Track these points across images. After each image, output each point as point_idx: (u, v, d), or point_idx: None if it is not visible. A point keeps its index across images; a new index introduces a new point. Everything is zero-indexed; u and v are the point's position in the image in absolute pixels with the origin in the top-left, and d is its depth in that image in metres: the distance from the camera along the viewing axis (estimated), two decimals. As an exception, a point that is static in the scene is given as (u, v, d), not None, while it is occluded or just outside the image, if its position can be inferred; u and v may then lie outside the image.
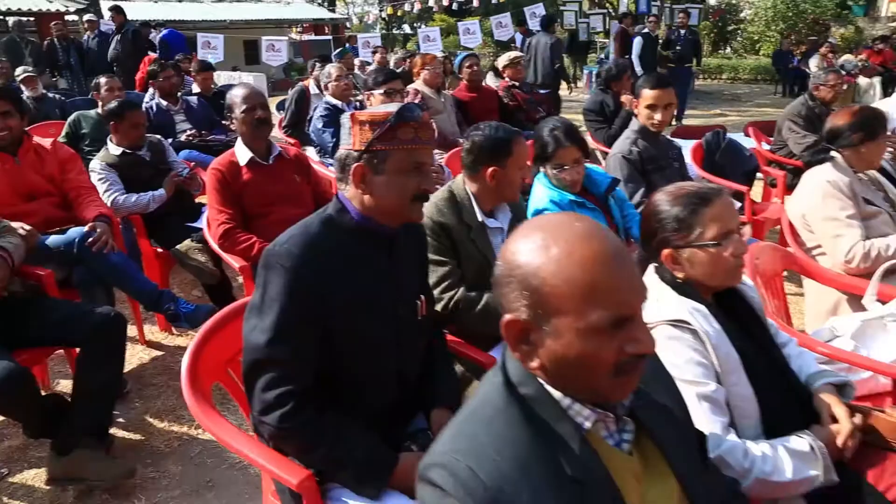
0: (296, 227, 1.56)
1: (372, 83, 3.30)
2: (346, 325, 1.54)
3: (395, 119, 1.49)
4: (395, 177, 1.53)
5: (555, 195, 2.58)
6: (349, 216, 1.58)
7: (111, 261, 2.88)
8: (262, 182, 2.91)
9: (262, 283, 1.49)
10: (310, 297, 1.48)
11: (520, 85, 6.15)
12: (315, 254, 1.49)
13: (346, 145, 1.56)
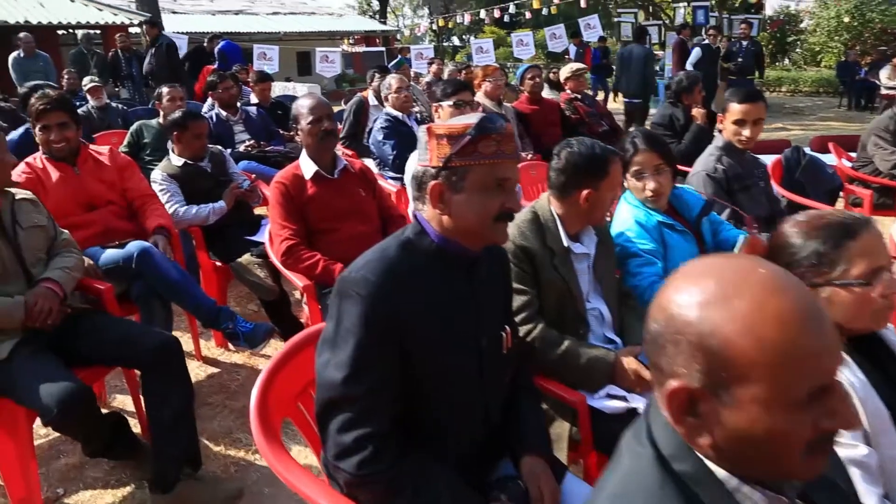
0: (372, 252, 1.43)
1: (440, 94, 3.16)
2: (428, 358, 1.39)
3: (475, 131, 1.34)
4: (476, 195, 1.38)
5: (641, 215, 2.38)
6: (428, 239, 1.44)
7: (170, 276, 2.80)
8: (328, 197, 2.79)
9: (336, 313, 1.35)
10: (388, 328, 1.33)
11: (582, 97, 5.97)
12: (393, 281, 1.35)
13: (423, 161, 1.42)
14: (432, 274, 1.41)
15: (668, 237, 2.37)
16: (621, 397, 1.97)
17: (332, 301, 1.38)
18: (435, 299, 1.40)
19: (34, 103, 2.98)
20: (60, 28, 13.97)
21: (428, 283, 1.40)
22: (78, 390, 2.09)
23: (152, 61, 9.14)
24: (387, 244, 1.44)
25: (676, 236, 2.40)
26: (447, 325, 1.42)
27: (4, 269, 2.33)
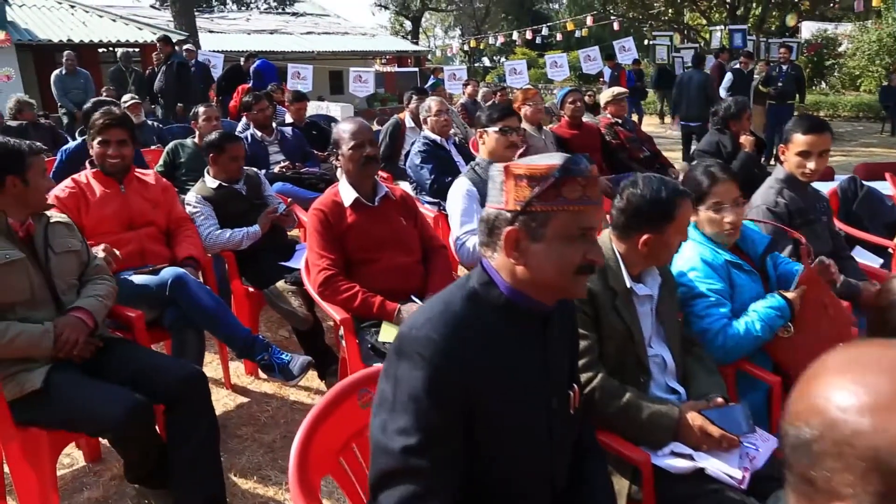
0: (434, 305, 1.28)
1: (486, 120, 3.03)
2: (496, 423, 1.24)
3: (559, 173, 1.20)
4: (557, 244, 1.23)
5: (707, 253, 2.21)
6: (497, 291, 1.28)
7: (204, 304, 2.70)
8: (368, 225, 2.67)
9: (395, 375, 1.21)
10: (455, 393, 1.19)
11: (622, 122, 5.81)
12: (460, 340, 1.21)
13: (497, 203, 1.27)
14: (501, 331, 1.27)
15: (736, 277, 2.21)
16: (687, 456, 1.80)
17: (391, 359, 1.24)
18: (505, 359, 1.26)
19: (98, 118, 2.98)
20: (102, 46, 14.24)
21: (497, 342, 1.25)
22: (143, 400, 2.08)
23: (163, 79, 9.17)
24: (450, 296, 1.29)
25: (744, 276, 2.23)
26: (518, 388, 1.27)
27: (33, 295, 2.25)
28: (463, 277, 1.34)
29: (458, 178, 3.09)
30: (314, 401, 3.20)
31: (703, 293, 2.14)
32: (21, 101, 6.64)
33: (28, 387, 2.12)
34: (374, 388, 1.62)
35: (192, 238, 3.15)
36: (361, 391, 1.60)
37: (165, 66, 8.99)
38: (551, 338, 1.36)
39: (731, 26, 13.84)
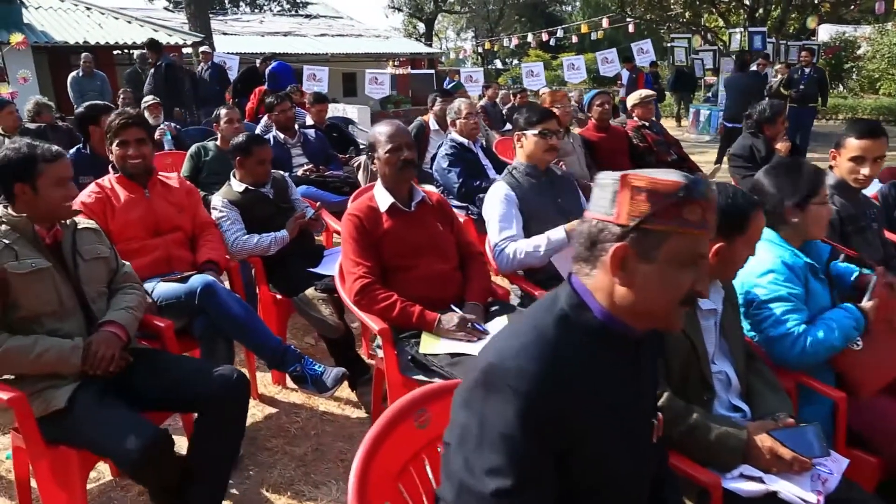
0: (523, 332, 1.16)
1: (524, 123, 2.92)
2: (594, 462, 1.13)
3: (684, 193, 1.09)
4: (669, 268, 1.12)
5: (787, 256, 2.10)
6: (589, 314, 1.17)
7: (235, 313, 2.61)
8: (405, 231, 2.57)
9: (481, 408, 1.10)
10: (552, 430, 1.07)
11: (650, 125, 5.69)
12: (556, 371, 1.09)
13: (604, 214, 1.15)
14: (595, 359, 1.16)
15: (812, 283, 2.11)
16: (757, 478, 1.70)
17: (474, 392, 1.12)
18: (601, 391, 1.15)
19: (113, 119, 2.91)
20: (118, 48, 14.24)
21: (592, 372, 1.14)
22: (158, 435, 1.95)
23: (151, 82, 9.13)
24: (540, 320, 1.17)
25: (817, 283, 2.14)
26: (615, 421, 1.16)
27: (62, 305, 2.16)
28: (549, 297, 1.23)
29: (495, 182, 2.98)
30: (344, 412, 3.10)
31: (783, 297, 2.04)
32: (40, 104, 6.58)
33: (53, 405, 2.03)
34: (431, 408, 1.53)
35: (212, 242, 3.06)
36: (419, 411, 1.50)
37: (153, 69, 8.95)
38: (644, 365, 1.25)
39: (751, 28, 13.65)
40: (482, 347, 1.25)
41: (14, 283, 2.07)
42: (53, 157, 2.15)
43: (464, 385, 1.16)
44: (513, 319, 2.43)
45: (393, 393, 2.43)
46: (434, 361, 2.26)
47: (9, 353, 2.02)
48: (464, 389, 1.14)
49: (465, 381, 1.18)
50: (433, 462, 1.52)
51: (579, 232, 1.19)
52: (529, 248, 2.75)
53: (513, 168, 3.00)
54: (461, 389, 1.16)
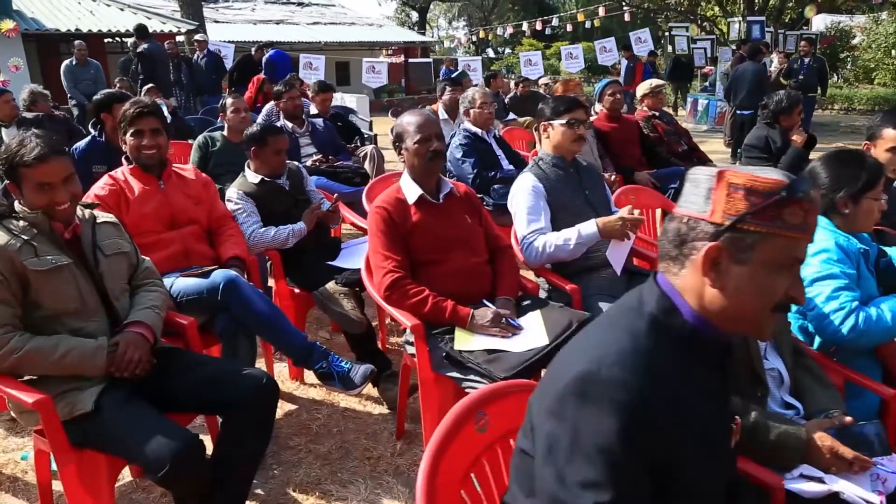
0: (617, 338, 1.09)
1: (551, 112, 2.85)
2: (682, 470, 1.07)
3: (787, 193, 1.02)
4: (764, 272, 1.06)
5: (841, 239, 2.08)
6: (680, 318, 1.10)
7: (259, 309, 2.53)
8: (434, 224, 2.50)
9: (575, 419, 1.02)
10: (652, 443, 1.01)
11: (660, 115, 5.62)
12: (654, 380, 1.03)
13: (697, 211, 1.08)
14: (688, 366, 1.09)
15: (862, 269, 2.08)
16: (817, 479, 1.65)
17: (567, 401, 1.04)
18: (692, 398, 1.08)
19: (128, 108, 2.82)
20: (111, 36, 14.02)
21: (684, 379, 1.08)
22: (190, 441, 1.86)
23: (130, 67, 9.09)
24: (632, 324, 1.10)
25: (866, 270, 2.10)
26: (703, 428, 1.10)
27: (84, 303, 2.07)
28: (633, 298, 1.16)
29: (521, 173, 2.91)
30: (366, 408, 3.03)
31: (836, 275, 2.02)
32: (35, 93, 6.43)
33: (79, 408, 1.95)
34: (489, 410, 1.47)
35: (235, 237, 2.98)
36: (478, 414, 1.43)
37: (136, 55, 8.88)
38: (729, 370, 1.19)
39: (750, 17, 13.60)
40: (562, 353, 1.18)
41: (34, 280, 1.98)
42: (32, 162, 1.98)
43: (549, 393, 1.09)
44: (548, 315, 2.37)
45: (425, 390, 2.37)
46: (470, 358, 2.19)
47: (31, 354, 1.94)
48: (551, 398, 1.07)
49: (547, 388, 1.11)
50: (493, 466, 1.46)
51: (667, 229, 1.13)
52: (559, 241, 2.68)
53: (539, 159, 2.92)
54: (547, 397, 1.09)
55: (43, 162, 2.00)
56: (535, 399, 1.15)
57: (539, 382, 1.19)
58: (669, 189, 4.73)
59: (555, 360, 1.17)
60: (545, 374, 1.19)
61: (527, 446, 1.14)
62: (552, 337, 2.23)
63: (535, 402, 1.14)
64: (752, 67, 9.58)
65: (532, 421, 1.13)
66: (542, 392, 1.13)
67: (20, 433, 2.88)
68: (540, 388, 1.16)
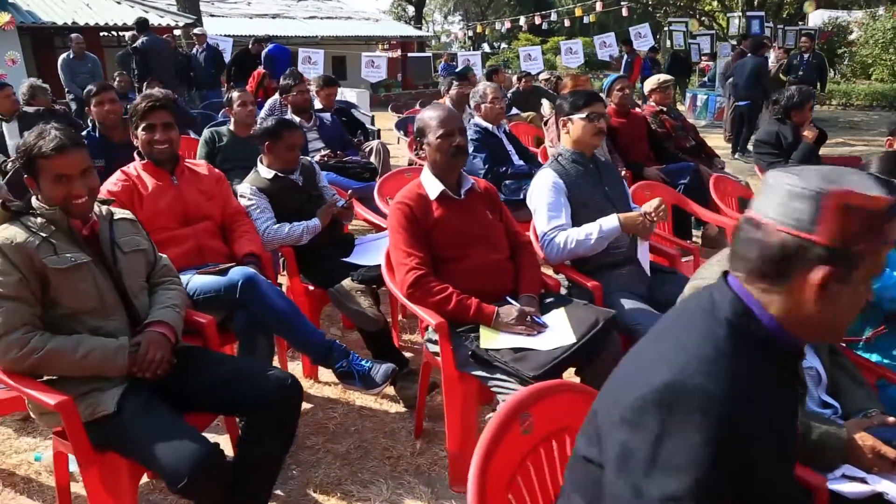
0: (697, 344, 1.04)
1: (570, 107, 2.80)
2: (764, 480, 1.03)
3: (891, 210, 0.99)
4: (862, 286, 1.03)
5: None
6: (757, 325, 1.06)
7: (278, 307, 2.49)
8: (455, 220, 2.46)
9: (657, 429, 0.98)
10: (735, 453, 0.97)
11: (667, 110, 5.60)
12: (739, 390, 0.99)
13: (802, 230, 1.01)
14: (764, 373, 1.05)
15: None
16: (860, 479, 1.63)
17: (648, 412, 1.00)
18: (770, 407, 1.04)
19: (139, 102, 2.78)
20: (107, 29, 13.89)
21: (763, 387, 1.04)
22: (209, 451, 1.80)
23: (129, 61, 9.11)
24: (709, 330, 1.06)
25: None
26: (779, 436, 1.07)
27: (103, 301, 2.03)
28: (701, 300, 1.12)
29: (541, 169, 2.88)
30: (383, 406, 3.00)
31: None
32: (34, 87, 6.34)
33: (100, 410, 1.90)
34: (533, 412, 1.43)
35: (250, 233, 2.94)
36: (523, 415, 1.40)
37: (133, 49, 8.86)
38: (801, 376, 1.16)
39: (749, 12, 13.58)
40: (632, 359, 1.14)
41: (53, 279, 1.94)
42: (51, 152, 1.94)
43: (622, 401, 1.04)
44: (573, 313, 2.34)
45: (448, 389, 2.34)
46: (497, 357, 2.16)
47: (52, 355, 1.90)
48: (626, 406, 1.03)
49: (619, 395, 1.07)
50: (537, 468, 1.42)
51: (756, 240, 1.05)
52: (580, 237, 2.65)
53: (558, 155, 2.89)
54: (619, 406, 1.04)
55: (61, 153, 1.96)
56: (602, 406, 1.11)
57: (605, 388, 1.16)
58: (679, 184, 4.71)
59: (623, 366, 1.14)
60: (613, 380, 1.15)
61: (592, 454, 1.10)
62: (579, 335, 2.20)
63: (601, 409, 1.10)
64: (752, 61, 9.65)
65: (599, 428, 1.09)
66: (613, 399, 1.08)
67: (31, 433, 2.83)
68: (608, 395, 1.12)
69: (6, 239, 1.92)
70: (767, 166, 4.69)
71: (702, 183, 4.80)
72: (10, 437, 2.81)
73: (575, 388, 1.56)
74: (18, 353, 1.87)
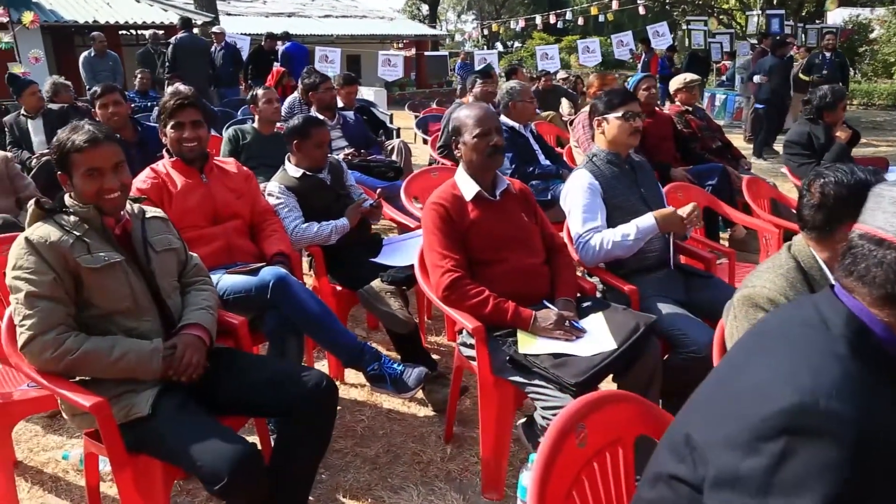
0: (822, 363, 0.98)
1: (605, 106, 2.74)
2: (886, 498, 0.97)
3: None
4: None
5: None
6: (873, 339, 1.01)
7: (310, 308, 2.45)
8: (491, 222, 2.41)
9: (781, 454, 0.91)
10: (861, 477, 0.90)
11: (693, 110, 5.51)
12: (871, 412, 0.93)
13: None
14: (884, 386, 1.00)
15: None
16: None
17: (773, 434, 0.93)
18: (891, 427, 0.99)
19: (168, 100, 2.75)
20: (128, 28, 13.97)
21: (885, 406, 0.98)
22: (249, 451, 1.76)
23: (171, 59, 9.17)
24: (829, 347, 1.00)
25: None
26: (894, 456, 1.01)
27: (136, 301, 1.99)
28: (807, 314, 1.05)
29: (576, 170, 2.82)
30: (411, 409, 2.95)
31: None
32: (58, 84, 6.37)
33: (134, 412, 1.87)
34: (588, 422, 1.38)
35: (279, 232, 2.91)
36: (578, 427, 1.34)
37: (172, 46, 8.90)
38: None
39: (769, 11, 13.41)
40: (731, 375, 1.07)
41: (87, 279, 1.91)
42: (84, 145, 1.92)
43: (729, 421, 0.97)
44: (612, 318, 2.28)
45: (484, 394, 2.29)
46: (536, 362, 2.10)
47: (86, 356, 1.86)
48: (739, 428, 0.95)
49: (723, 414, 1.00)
50: (592, 483, 1.37)
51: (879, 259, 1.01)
52: (617, 238, 2.59)
53: (593, 155, 2.83)
54: (727, 426, 0.97)
55: (94, 146, 1.93)
56: (699, 422, 1.04)
57: (698, 402, 1.09)
58: (706, 186, 4.63)
59: (720, 381, 1.07)
60: (708, 395, 1.08)
61: (683, 473, 1.04)
62: (620, 341, 2.14)
63: (698, 426, 1.04)
64: (772, 61, 9.57)
65: (695, 446, 1.02)
66: (715, 417, 1.01)
67: (58, 431, 2.82)
68: (705, 411, 1.05)
69: (40, 238, 1.89)
70: (798, 167, 4.61)
71: (729, 184, 4.73)
72: (38, 434, 2.79)
73: (629, 397, 1.50)
74: (53, 354, 1.84)
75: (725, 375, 1.09)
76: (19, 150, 5.23)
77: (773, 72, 9.39)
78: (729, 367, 1.09)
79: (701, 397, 1.12)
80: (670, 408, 1.80)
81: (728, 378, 1.07)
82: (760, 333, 1.12)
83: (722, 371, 1.10)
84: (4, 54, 9.12)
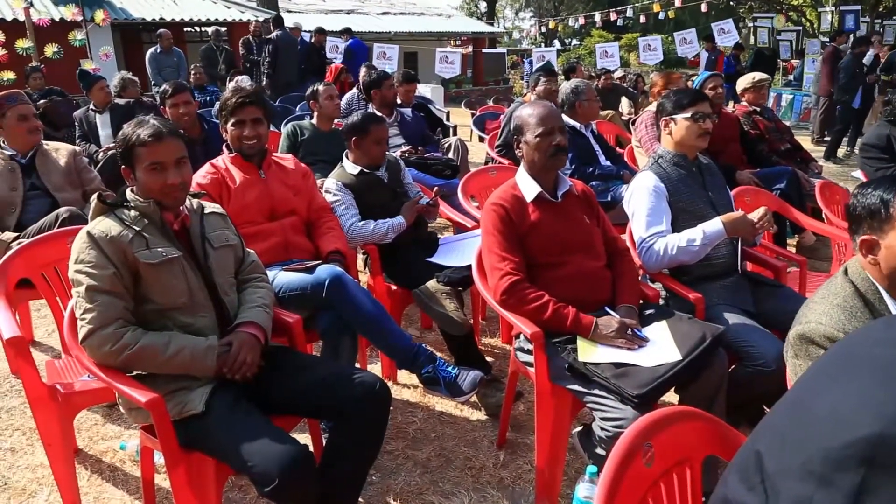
0: None
1: (673, 106, 2.64)
2: None
3: None
4: None
5: None
6: None
7: (365, 309, 2.42)
8: (553, 224, 2.33)
9: (857, 486, 0.82)
10: None
11: (761, 111, 5.29)
12: None
13: None
14: None
15: None
16: None
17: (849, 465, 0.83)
18: None
19: (230, 97, 2.77)
20: (192, 25, 14.34)
21: None
22: (301, 453, 1.73)
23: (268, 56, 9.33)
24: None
25: None
26: None
27: (192, 298, 1.99)
28: (881, 325, 0.97)
29: (641, 172, 2.71)
30: (463, 413, 2.90)
31: None
32: (125, 79, 6.55)
33: (188, 409, 1.87)
34: (655, 441, 1.30)
35: (335, 230, 2.89)
36: (645, 445, 1.27)
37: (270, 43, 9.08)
38: None
39: (843, 6, 12.83)
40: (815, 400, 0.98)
41: (145, 273, 1.92)
42: (148, 139, 1.93)
43: (805, 449, 0.89)
44: (676, 327, 2.18)
45: (540, 401, 2.21)
46: (596, 371, 2.02)
47: (143, 352, 1.87)
48: (816, 458, 0.88)
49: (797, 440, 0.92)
50: (659, 506, 1.29)
51: None
52: (682, 243, 2.48)
53: (658, 157, 2.72)
54: (803, 454, 0.89)
55: (158, 140, 1.95)
56: (771, 448, 0.96)
57: (771, 425, 1.01)
58: (774, 190, 4.43)
59: (796, 403, 0.99)
60: (783, 418, 1.00)
61: (752, 503, 0.96)
62: (685, 352, 2.04)
63: (769, 452, 0.96)
64: (845, 60, 9.26)
65: (765, 474, 0.94)
66: (790, 444, 0.93)
67: (117, 421, 2.87)
68: (777, 435, 0.97)
69: (101, 232, 1.91)
70: (874, 172, 4.36)
71: (799, 189, 4.52)
72: (98, 423, 2.85)
73: (698, 415, 1.41)
74: (112, 348, 1.85)
75: (802, 398, 1.00)
76: (87, 143, 5.39)
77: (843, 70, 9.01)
78: (806, 388, 1.00)
79: (774, 420, 1.03)
80: (734, 422, 1.71)
81: (805, 401, 0.98)
82: (841, 354, 1.03)
83: (798, 393, 1.00)
84: (77, 51, 9.48)
